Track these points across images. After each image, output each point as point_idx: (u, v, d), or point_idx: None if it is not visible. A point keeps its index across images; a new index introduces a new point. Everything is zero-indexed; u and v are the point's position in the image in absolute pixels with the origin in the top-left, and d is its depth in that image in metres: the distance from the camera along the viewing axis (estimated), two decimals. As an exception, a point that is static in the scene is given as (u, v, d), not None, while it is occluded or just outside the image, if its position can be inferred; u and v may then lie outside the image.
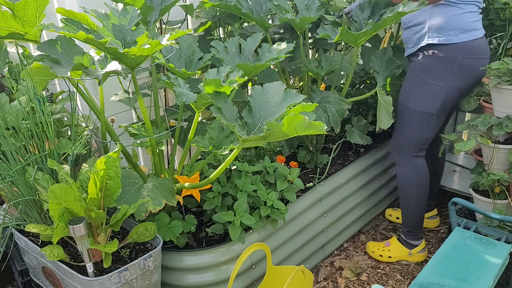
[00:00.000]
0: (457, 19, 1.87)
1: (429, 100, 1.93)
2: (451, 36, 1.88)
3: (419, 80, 1.93)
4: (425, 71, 1.91)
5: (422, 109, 1.95)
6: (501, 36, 2.43)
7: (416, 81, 1.95)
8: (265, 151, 2.12)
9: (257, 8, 2.09)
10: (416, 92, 1.95)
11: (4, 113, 1.64)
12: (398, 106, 2.06)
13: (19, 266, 1.71)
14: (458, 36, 1.88)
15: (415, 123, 1.98)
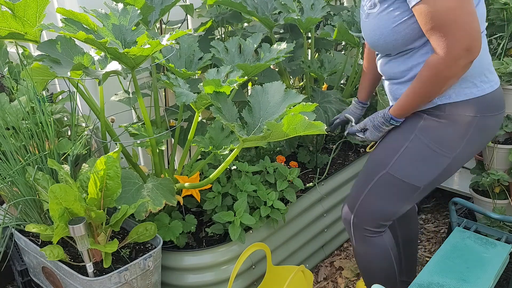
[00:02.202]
0: (481, 59, 1.33)
1: (421, 170, 1.41)
2: (470, 87, 1.35)
3: (416, 142, 1.41)
4: (425, 133, 1.40)
5: (407, 179, 1.42)
6: (501, 36, 2.43)
7: (410, 142, 1.42)
8: (265, 151, 2.12)
9: (262, 6, 2.09)
10: (406, 155, 1.42)
11: (4, 113, 1.64)
12: (370, 164, 1.51)
13: (19, 266, 1.71)
14: (480, 86, 1.36)
15: (390, 194, 1.46)
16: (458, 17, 1.18)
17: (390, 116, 1.44)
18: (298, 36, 2.36)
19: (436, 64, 1.25)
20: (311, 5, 2.08)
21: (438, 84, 1.29)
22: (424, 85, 1.31)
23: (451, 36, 1.20)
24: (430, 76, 1.28)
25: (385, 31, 1.34)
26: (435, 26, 1.22)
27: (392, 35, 1.33)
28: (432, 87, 1.30)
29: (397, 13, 1.30)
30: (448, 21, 1.19)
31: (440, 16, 1.20)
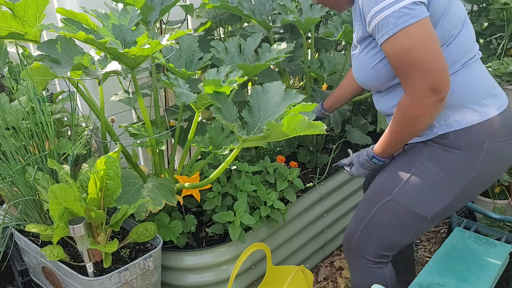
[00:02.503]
0: (483, 82, 1.32)
1: (428, 199, 1.34)
2: (470, 114, 1.30)
3: (422, 168, 1.35)
4: (432, 160, 1.34)
5: (413, 208, 1.35)
6: (501, 36, 2.43)
7: (416, 169, 1.36)
8: (265, 151, 2.12)
9: (260, 7, 2.09)
10: (412, 182, 1.35)
11: (4, 113, 1.64)
12: (373, 190, 1.44)
13: (19, 266, 1.71)
14: (482, 111, 1.30)
15: (394, 223, 1.39)
16: (418, 58, 1.18)
17: (373, 155, 1.42)
18: (298, 36, 2.36)
19: (403, 104, 1.25)
20: (310, 5, 2.08)
21: (410, 123, 1.27)
22: (398, 124, 1.30)
23: (413, 76, 1.19)
24: (400, 116, 1.28)
25: (367, 70, 1.36)
26: (397, 67, 1.23)
27: (373, 74, 1.34)
28: (405, 127, 1.29)
29: (374, 52, 1.32)
30: (408, 62, 1.19)
31: (400, 57, 1.20)
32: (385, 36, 1.20)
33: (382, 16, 1.19)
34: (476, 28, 2.59)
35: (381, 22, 1.20)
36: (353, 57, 1.42)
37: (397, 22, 1.17)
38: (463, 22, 1.30)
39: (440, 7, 1.24)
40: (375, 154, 1.42)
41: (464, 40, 1.29)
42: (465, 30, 1.30)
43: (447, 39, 1.27)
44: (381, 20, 1.19)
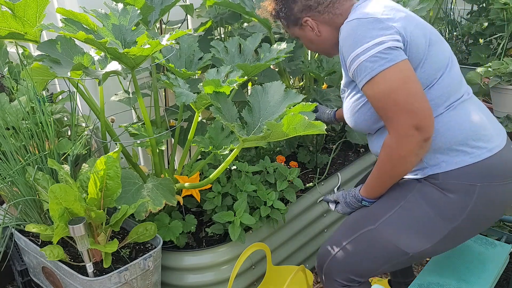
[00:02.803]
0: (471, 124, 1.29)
1: (414, 235, 1.30)
2: (460, 155, 1.27)
3: (412, 202, 1.31)
4: (422, 196, 1.31)
5: (396, 242, 1.30)
6: (501, 36, 2.43)
7: (406, 201, 1.32)
8: (265, 151, 2.12)
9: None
10: (399, 215, 1.31)
11: (4, 113, 1.64)
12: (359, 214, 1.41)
13: (19, 266, 1.71)
14: (472, 152, 1.27)
15: (372, 252, 1.34)
16: (399, 98, 1.18)
17: (361, 197, 1.41)
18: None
19: (388, 144, 1.25)
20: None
21: (396, 163, 1.26)
22: (384, 165, 1.30)
23: (396, 117, 1.20)
24: (386, 156, 1.27)
25: (353, 114, 1.39)
26: (379, 109, 1.24)
27: (360, 117, 1.37)
28: (391, 167, 1.28)
29: (358, 96, 1.34)
30: (389, 104, 1.20)
31: (381, 99, 1.22)
32: (364, 80, 1.23)
33: (359, 62, 1.22)
34: (476, 28, 2.59)
35: (359, 67, 1.23)
36: (343, 100, 1.45)
37: (374, 67, 1.20)
38: (446, 65, 1.30)
39: (418, 51, 1.25)
40: (363, 196, 1.40)
41: (448, 83, 1.29)
42: (449, 72, 1.30)
43: (429, 83, 1.27)
44: (358, 65, 1.23)
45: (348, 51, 1.25)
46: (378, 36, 1.21)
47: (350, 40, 1.25)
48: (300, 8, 1.44)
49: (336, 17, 1.41)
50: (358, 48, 1.22)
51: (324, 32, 1.45)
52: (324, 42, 1.47)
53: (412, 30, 1.25)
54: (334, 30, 1.42)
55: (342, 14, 1.40)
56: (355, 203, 1.43)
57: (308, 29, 1.46)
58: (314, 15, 1.43)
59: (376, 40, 1.20)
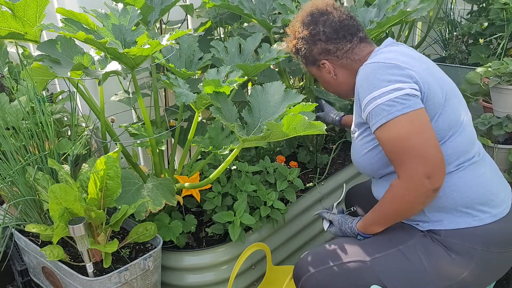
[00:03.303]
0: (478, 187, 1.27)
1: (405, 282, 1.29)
2: (464, 217, 1.27)
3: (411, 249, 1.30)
4: (422, 247, 1.30)
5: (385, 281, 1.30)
6: (501, 36, 2.43)
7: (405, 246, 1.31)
8: (265, 151, 2.12)
9: (260, 7, 2.09)
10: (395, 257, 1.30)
11: (4, 113, 1.64)
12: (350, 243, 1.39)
13: (19, 266, 1.71)
14: (477, 215, 1.26)
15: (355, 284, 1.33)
16: (414, 144, 1.17)
17: (357, 232, 1.40)
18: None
19: (396, 188, 1.23)
20: (311, 5, 2.08)
21: (400, 207, 1.25)
22: (387, 206, 1.29)
23: (409, 162, 1.18)
24: (391, 198, 1.26)
25: (360, 156, 1.37)
26: (391, 153, 1.22)
27: (366, 160, 1.35)
28: (394, 210, 1.28)
29: (368, 139, 1.33)
30: (404, 148, 1.18)
31: (395, 143, 1.19)
32: (378, 123, 1.21)
33: (376, 104, 1.20)
34: (476, 28, 2.59)
35: (375, 110, 1.21)
36: (352, 140, 1.44)
37: (391, 111, 1.18)
38: (460, 123, 1.28)
39: (434, 105, 1.24)
40: (360, 231, 1.39)
41: (460, 142, 1.27)
42: (462, 132, 1.28)
43: (440, 138, 1.25)
44: (374, 108, 1.21)
45: (365, 92, 1.23)
46: (397, 81, 1.20)
47: (368, 82, 1.24)
48: (319, 51, 1.44)
49: (354, 63, 1.42)
50: (376, 91, 1.20)
51: (341, 76, 1.46)
52: (340, 85, 1.48)
53: (431, 82, 1.24)
54: (351, 74, 1.42)
55: (360, 60, 1.40)
56: (350, 234, 1.43)
57: (325, 71, 1.47)
58: (332, 59, 1.44)
59: (394, 85, 1.19)
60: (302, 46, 1.47)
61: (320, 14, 1.44)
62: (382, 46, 1.40)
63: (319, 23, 1.43)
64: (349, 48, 1.42)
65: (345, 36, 1.42)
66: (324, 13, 1.44)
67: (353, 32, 1.43)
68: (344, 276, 1.34)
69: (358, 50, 1.42)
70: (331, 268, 1.36)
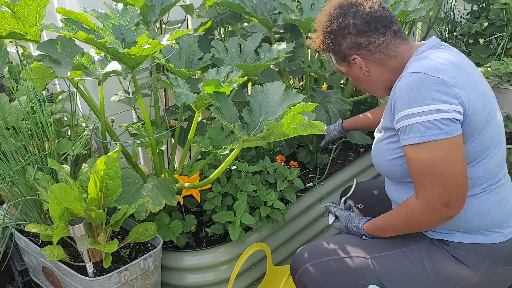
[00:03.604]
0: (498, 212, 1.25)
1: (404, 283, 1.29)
2: (476, 234, 1.26)
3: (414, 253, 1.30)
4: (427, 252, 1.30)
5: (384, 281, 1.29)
6: (501, 36, 2.43)
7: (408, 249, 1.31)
8: (265, 151, 2.12)
9: (261, 6, 2.09)
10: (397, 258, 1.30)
11: (4, 113, 1.64)
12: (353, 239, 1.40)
13: (19, 266, 1.71)
14: (489, 235, 1.26)
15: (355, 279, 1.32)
16: (440, 172, 1.14)
17: (363, 232, 1.38)
18: (298, 35, 2.36)
19: (412, 207, 1.21)
20: (310, 5, 2.08)
21: (413, 226, 1.25)
22: (398, 221, 1.27)
23: (430, 188, 1.16)
24: (404, 215, 1.25)
25: (382, 161, 1.32)
26: (415, 173, 1.18)
27: (389, 166, 1.30)
28: (405, 226, 1.27)
29: (395, 146, 1.27)
30: (427, 174, 1.15)
31: (421, 166, 1.16)
32: (410, 141, 1.15)
33: (412, 122, 1.14)
34: (476, 28, 2.59)
35: (410, 127, 1.15)
36: (376, 138, 1.38)
37: (426, 133, 1.12)
38: (495, 144, 1.23)
39: (475, 127, 1.18)
40: (366, 231, 1.38)
41: (493, 165, 1.23)
42: (497, 153, 1.24)
43: (473, 159, 1.21)
44: (410, 125, 1.15)
45: (404, 105, 1.16)
46: (441, 102, 1.12)
47: (410, 94, 1.15)
48: (349, 45, 1.33)
49: (389, 59, 1.31)
50: (416, 107, 1.13)
51: (374, 72, 1.35)
52: (373, 82, 1.38)
53: (476, 102, 1.17)
54: (386, 71, 1.33)
55: (396, 57, 1.31)
56: (355, 233, 1.41)
57: (355, 67, 1.37)
58: (364, 54, 1.33)
59: (438, 105, 1.12)
60: (331, 41, 1.36)
61: (349, 6, 1.33)
62: (427, 47, 1.28)
63: (349, 15, 1.31)
64: (382, 41, 1.30)
65: (377, 28, 1.30)
66: (354, 4, 1.33)
67: (386, 24, 1.31)
68: (342, 271, 1.34)
69: (393, 45, 1.31)
70: (329, 262, 1.35)
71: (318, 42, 1.42)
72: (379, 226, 1.34)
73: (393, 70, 1.32)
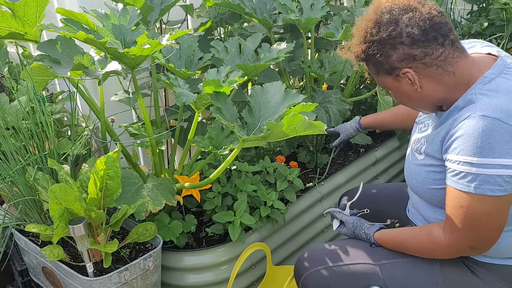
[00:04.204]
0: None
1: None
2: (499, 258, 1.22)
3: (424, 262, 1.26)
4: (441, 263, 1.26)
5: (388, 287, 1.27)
6: (501, 36, 2.43)
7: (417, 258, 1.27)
8: (265, 151, 2.12)
9: (261, 6, 2.09)
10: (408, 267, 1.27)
11: (4, 113, 1.64)
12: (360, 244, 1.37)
13: (19, 266, 1.71)
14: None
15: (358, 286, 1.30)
16: (479, 224, 1.09)
17: (373, 241, 1.34)
18: (298, 36, 2.36)
19: (436, 241, 1.17)
20: (310, 5, 2.08)
21: (425, 254, 1.24)
22: (413, 245, 1.24)
23: (462, 232, 1.11)
24: (423, 244, 1.22)
25: (421, 187, 1.24)
26: (452, 213, 1.12)
27: (427, 194, 1.23)
28: (417, 251, 1.25)
29: (437, 177, 1.18)
30: (465, 221, 1.09)
31: (461, 212, 1.09)
32: (460, 187, 1.08)
33: (472, 171, 1.05)
34: (476, 28, 2.59)
35: (467, 174, 1.06)
36: (413, 156, 1.28)
37: (482, 186, 1.05)
38: None
39: None
40: (375, 241, 1.34)
41: None
42: None
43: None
44: (467, 172, 1.06)
45: (467, 151, 1.05)
46: (509, 156, 1.02)
47: (476, 141, 1.04)
48: (401, 57, 1.14)
49: (446, 75, 1.14)
50: (482, 158, 1.03)
51: (427, 88, 1.16)
52: (423, 99, 1.20)
53: None
54: (441, 88, 1.16)
55: (455, 73, 1.14)
56: (364, 239, 1.38)
57: (405, 82, 1.17)
58: (418, 67, 1.14)
59: (505, 161, 1.02)
60: (377, 51, 1.15)
61: (402, 10, 1.13)
62: (495, 73, 1.13)
63: (402, 22, 1.12)
64: (441, 53, 1.12)
65: (436, 38, 1.12)
66: (408, 9, 1.13)
67: (445, 32, 1.12)
68: (349, 277, 1.31)
69: (451, 59, 1.13)
70: (337, 268, 1.32)
71: (357, 51, 1.21)
72: (391, 241, 1.30)
73: (449, 88, 1.16)
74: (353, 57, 1.25)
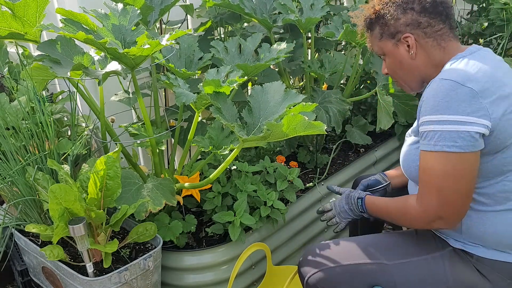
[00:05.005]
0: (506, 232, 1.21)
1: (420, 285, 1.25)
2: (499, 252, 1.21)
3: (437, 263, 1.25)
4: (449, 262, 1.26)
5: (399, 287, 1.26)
6: (501, 36, 2.43)
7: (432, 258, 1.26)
8: (265, 151, 2.12)
9: (261, 7, 2.09)
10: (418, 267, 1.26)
11: (4, 113, 1.64)
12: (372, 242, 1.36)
13: (19, 266, 1.71)
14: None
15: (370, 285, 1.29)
16: (441, 187, 1.12)
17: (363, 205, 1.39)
18: (298, 36, 2.36)
19: (409, 207, 1.21)
20: (310, 5, 2.08)
21: (404, 220, 1.26)
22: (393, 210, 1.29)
23: (429, 198, 1.15)
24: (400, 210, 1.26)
25: (412, 165, 1.28)
26: (421, 178, 1.17)
27: (415, 171, 1.25)
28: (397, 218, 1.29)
29: None
30: (430, 183, 1.14)
31: (427, 174, 1.14)
32: (424, 147, 1.15)
33: (430, 129, 1.12)
34: (476, 28, 2.59)
35: (427, 133, 1.14)
36: (406, 140, 1.35)
37: (440, 142, 1.10)
38: None
39: (506, 138, 1.12)
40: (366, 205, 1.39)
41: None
42: None
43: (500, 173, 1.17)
44: (427, 131, 1.13)
45: (427, 111, 1.13)
46: (464, 113, 1.08)
47: (435, 100, 1.12)
48: (408, 22, 1.25)
49: (438, 49, 1.25)
50: (438, 115, 1.10)
51: (419, 58, 1.28)
52: (414, 69, 1.30)
53: (509, 115, 1.11)
54: (429, 62, 1.27)
55: (444, 50, 1.25)
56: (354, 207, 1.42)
57: (403, 48, 1.28)
58: (418, 35, 1.25)
59: (459, 117, 1.08)
60: (389, 11, 1.26)
61: None
62: (466, 53, 1.21)
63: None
64: (440, 28, 1.23)
65: (441, 14, 1.23)
66: None
67: (449, 14, 1.25)
68: (357, 276, 1.30)
69: (446, 37, 1.24)
70: (338, 269, 1.31)
71: (370, 12, 1.32)
72: (377, 204, 1.35)
73: (435, 64, 1.26)
74: (361, 21, 1.37)
